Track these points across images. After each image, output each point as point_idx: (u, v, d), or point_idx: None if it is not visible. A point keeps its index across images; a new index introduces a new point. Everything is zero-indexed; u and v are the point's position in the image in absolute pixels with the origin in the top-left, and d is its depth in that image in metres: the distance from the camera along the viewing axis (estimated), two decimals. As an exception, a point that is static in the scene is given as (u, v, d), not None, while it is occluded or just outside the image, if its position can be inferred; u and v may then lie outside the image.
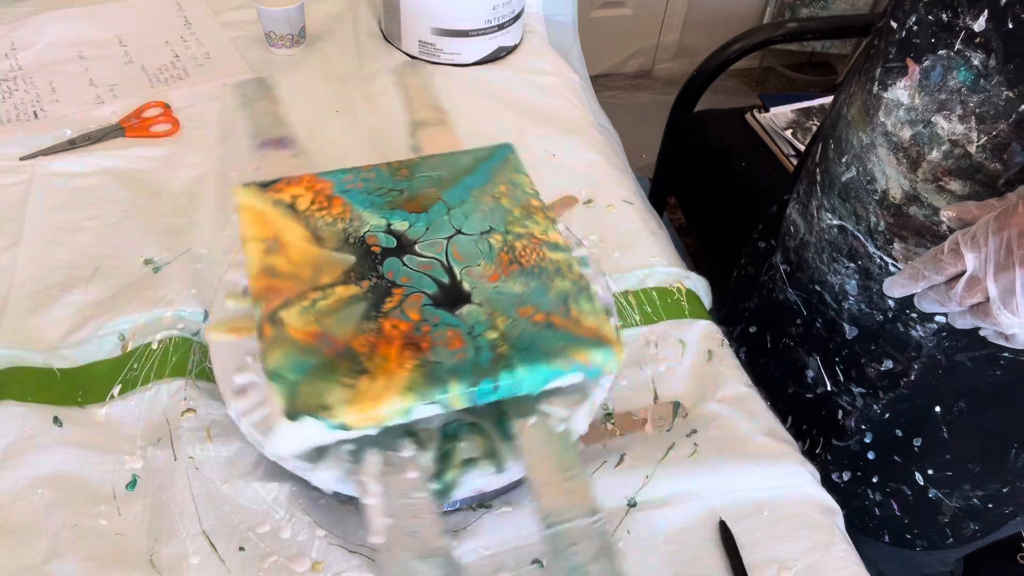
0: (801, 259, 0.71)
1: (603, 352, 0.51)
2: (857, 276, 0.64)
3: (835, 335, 0.69)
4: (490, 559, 0.55)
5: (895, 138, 0.57)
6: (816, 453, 0.75)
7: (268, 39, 0.98)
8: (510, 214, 0.59)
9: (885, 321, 0.64)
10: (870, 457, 0.72)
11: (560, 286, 0.54)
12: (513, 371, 0.49)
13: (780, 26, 1.42)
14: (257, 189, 0.59)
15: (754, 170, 1.34)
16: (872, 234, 0.61)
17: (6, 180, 0.79)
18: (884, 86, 0.57)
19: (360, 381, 0.48)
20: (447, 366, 0.49)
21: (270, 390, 0.47)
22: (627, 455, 0.61)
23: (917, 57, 0.54)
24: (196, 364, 0.64)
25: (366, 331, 0.51)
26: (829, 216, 0.65)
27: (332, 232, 0.57)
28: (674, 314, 0.72)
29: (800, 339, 0.74)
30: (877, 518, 0.74)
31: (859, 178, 0.61)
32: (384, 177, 0.62)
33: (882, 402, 0.68)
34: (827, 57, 2.37)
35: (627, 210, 0.81)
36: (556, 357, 0.50)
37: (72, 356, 0.64)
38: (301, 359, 0.49)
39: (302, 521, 0.55)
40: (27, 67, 0.93)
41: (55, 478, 0.56)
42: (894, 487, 0.72)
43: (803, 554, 0.56)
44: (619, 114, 1.12)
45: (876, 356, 0.67)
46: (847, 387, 0.70)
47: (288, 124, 0.71)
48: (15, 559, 0.52)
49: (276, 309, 0.51)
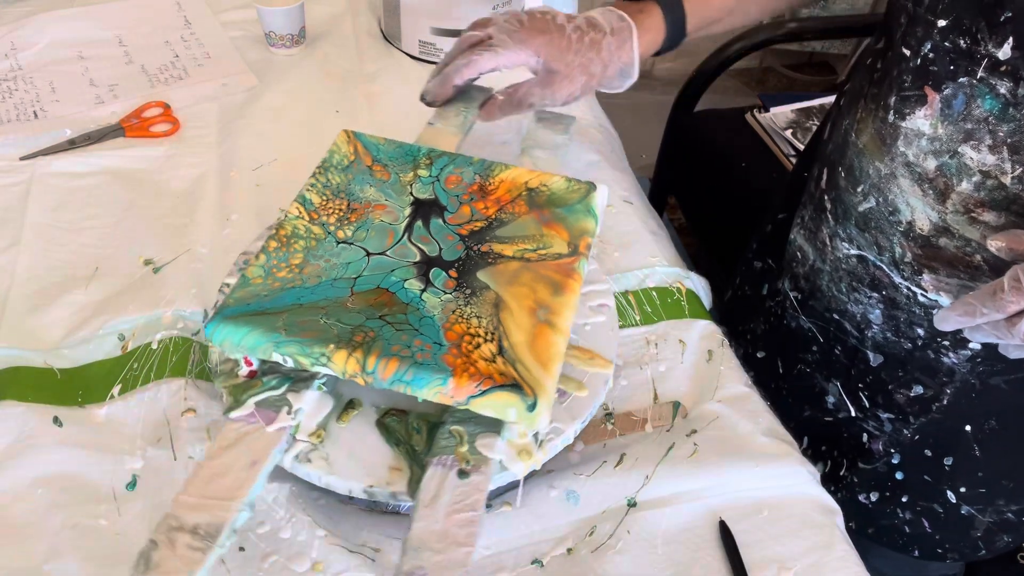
0: (814, 287, 0.68)
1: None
2: (882, 305, 0.62)
3: (858, 362, 0.67)
4: (490, 559, 0.55)
5: (918, 169, 0.54)
6: (841, 475, 0.73)
7: (268, 39, 0.98)
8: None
9: (914, 349, 0.62)
10: (899, 477, 0.70)
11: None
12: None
13: (780, 26, 1.41)
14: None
15: (754, 170, 1.34)
16: (897, 265, 0.58)
17: (6, 180, 0.79)
18: (901, 115, 0.54)
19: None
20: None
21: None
22: (627, 455, 0.61)
23: (936, 85, 0.52)
24: (196, 364, 0.64)
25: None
26: (846, 246, 0.62)
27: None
28: (674, 314, 0.72)
29: (817, 366, 0.71)
30: (907, 535, 0.72)
31: (879, 209, 0.58)
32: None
33: (912, 427, 0.66)
34: (827, 57, 2.37)
35: (627, 210, 0.81)
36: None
37: (72, 356, 0.64)
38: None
39: (302, 521, 0.55)
40: (27, 67, 0.93)
41: (55, 478, 0.56)
42: (925, 506, 0.70)
43: (803, 554, 0.56)
44: (619, 114, 1.11)
45: (905, 383, 0.64)
46: (873, 413, 0.68)
47: (285, 125, 0.70)
48: (15, 559, 0.52)
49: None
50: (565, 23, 0.65)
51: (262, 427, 0.51)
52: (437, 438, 0.52)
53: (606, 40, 0.65)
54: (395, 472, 0.52)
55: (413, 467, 0.52)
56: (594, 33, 0.65)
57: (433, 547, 0.47)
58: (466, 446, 0.52)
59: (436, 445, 0.52)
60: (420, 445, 0.53)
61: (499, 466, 0.52)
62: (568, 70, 0.65)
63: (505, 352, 0.51)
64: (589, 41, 0.64)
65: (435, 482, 0.50)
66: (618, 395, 0.65)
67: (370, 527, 0.56)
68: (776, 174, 1.32)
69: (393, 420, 0.55)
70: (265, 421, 0.51)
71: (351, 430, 0.54)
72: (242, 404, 0.52)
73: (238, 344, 0.51)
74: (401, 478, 0.52)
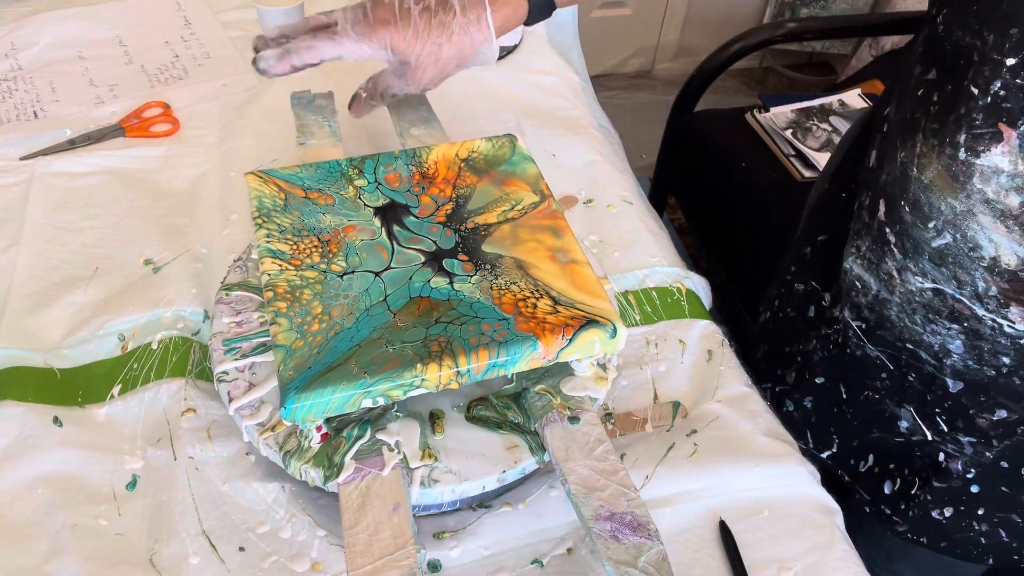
0: (881, 317, 0.66)
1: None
2: (963, 336, 0.60)
3: (935, 388, 0.65)
4: (490, 559, 0.55)
5: (999, 206, 0.53)
6: (913, 494, 0.70)
7: (268, 39, 0.98)
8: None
9: (998, 376, 0.61)
10: (974, 491, 0.68)
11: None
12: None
13: (780, 26, 1.42)
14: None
15: (754, 170, 1.34)
16: (981, 299, 0.57)
17: (6, 180, 0.79)
18: (975, 152, 0.54)
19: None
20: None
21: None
22: (627, 455, 0.61)
23: (1011, 122, 0.51)
24: (196, 364, 0.64)
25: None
26: (919, 280, 0.61)
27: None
28: (674, 314, 0.72)
29: (888, 392, 0.69)
30: (982, 546, 0.70)
31: (957, 245, 0.57)
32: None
33: (996, 449, 0.65)
34: (827, 57, 2.37)
35: (627, 210, 0.81)
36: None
37: (72, 356, 0.64)
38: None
39: (302, 521, 0.55)
40: (27, 67, 0.93)
41: (55, 478, 0.56)
42: (1002, 516, 0.68)
43: (803, 554, 0.56)
44: (619, 114, 1.12)
45: (987, 407, 0.63)
46: (952, 436, 0.66)
47: (286, 125, 0.71)
48: (15, 559, 0.52)
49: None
50: (412, 6, 0.63)
51: (378, 474, 0.51)
52: (530, 404, 0.56)
53: (456, 20, 0.63)
54: (514, 450, 0.54)
55: (526, 437, 0.55)
56: (443, 14, 0.63)
57: (595, 487, 0.51)
58: (558, 397, 0.56)
59: (534, 409, 0.55)
60: (519, 417, 0.56)
61: (531, 450, 0.54)
62: (419, 60, 0.64)
63: (559, 300, 0.54)
64: (438, 24, 0.63)
65: (557, 437, 0.53)
66: (618, 395, 0.65)
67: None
68: (776, 174, 1.32)
69: (481, 409, 0.56)
70: (377, 468, 0.52)
71: (451, 437, 0.55)
72: (342, 466, 0.51)
73: (325, 408, 0.48)
74: (522, 451, 0.54)
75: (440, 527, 0.57)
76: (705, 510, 0.58)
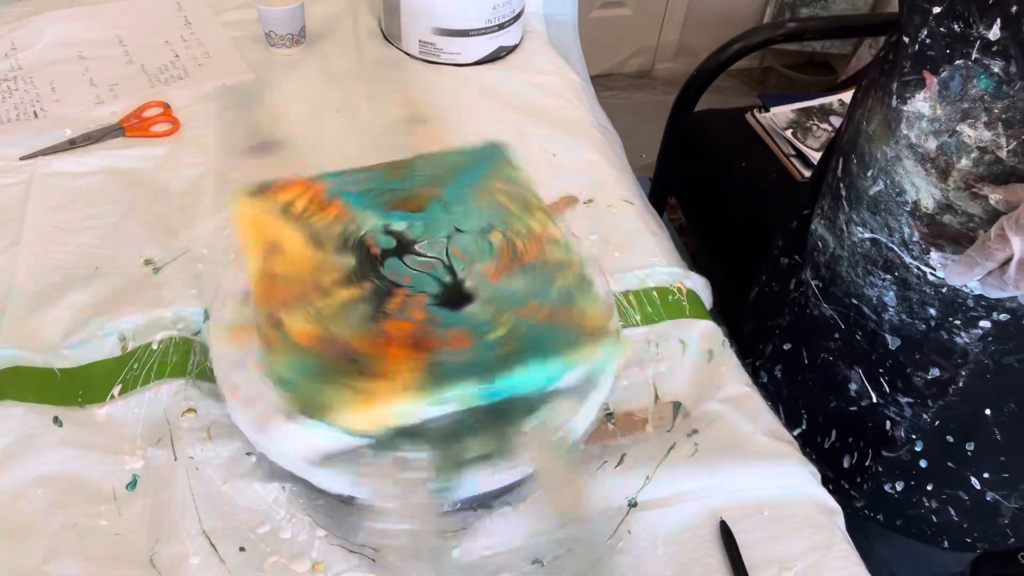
0: (834, 274, 0.70)
1: (606, 348, 0.51)
2: (895, 287, 0.64)
3: (877, 346, 0.69)
4: (490, 559, 0.55)
5: (920, 149, 0.57)
6: (866, 466, 0.74)
7: (268, 39, 0.98)
8: (509, 211, 0.59)
9: (928, 330, 0.64)
10: (923, 465, 0.71)
11: (562, 283, 0.54)
12: (519, 369, 0.49)
13: (780, 26, 1.42)
14: (252, 195, 0.59)
15: (754, 170, 1.34)
16: (907, 245, 0.61)
17: (6, 180, 0.79)
18: (903, 99, 0.57)
19: (366, 383, 0.48)
20: (454, 366, 0.49)
21: (276, 394, 0.47)
22: (628, 455, 0.61)
23: (934, 69, 0.54)
24: (196, 364, 0.64)
25: (370, 333, 0.51)
26: (860, 230, 0.64)
27: (330, 235, 0.57)
28: (674, 314, 0.72)
29: (840, 353, 0.73)
30: (935, 525, 0.73)
31: (887, 191, 0.61)
32: (379, 177, 0.62)
33: (931, 410, 0.68)
34: (827, 57, 2.37)
35: (627, 210, 0.81)
36: (560, 354, 0.50)
37: (72, 356, 0.64)
38: (305, 362, 0.49)
39: (302, 521, 0.55)
40: (27, 67, 0.93)
41: (55, 478, 0.56)
42: (950, 493, 0.71)
43: (803, 554, 0.56)
44: (619, 114, 1.11)
45: (922, 365, 0.66)
46: (894, 398, 0.69)
47: (285, 125, 0.70)
48: (15, 559, 0.52)
49: (278, 313, 0.51)
50: None
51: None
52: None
53: None
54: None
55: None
56: None
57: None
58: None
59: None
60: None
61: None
62: None
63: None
64: None
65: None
66: (619, 395, 0.65)
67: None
68: (776, 174, 1.32)
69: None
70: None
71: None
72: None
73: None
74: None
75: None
76: (706, 510, 0.58)
